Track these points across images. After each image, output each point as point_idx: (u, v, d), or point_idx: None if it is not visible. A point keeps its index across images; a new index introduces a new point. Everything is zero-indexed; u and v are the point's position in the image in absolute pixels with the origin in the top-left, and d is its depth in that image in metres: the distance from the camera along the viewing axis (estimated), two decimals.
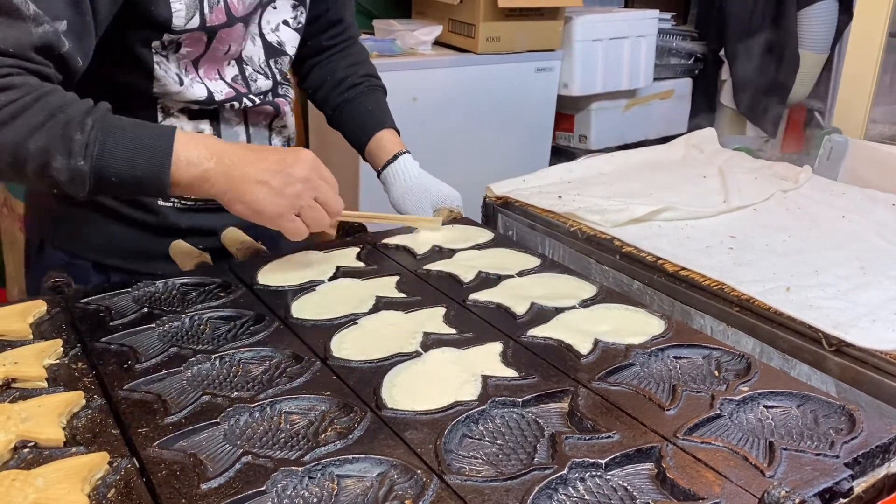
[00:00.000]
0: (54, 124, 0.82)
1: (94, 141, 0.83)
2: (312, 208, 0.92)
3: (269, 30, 1.11)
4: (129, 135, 0.85)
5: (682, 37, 3.60)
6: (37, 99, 0.82)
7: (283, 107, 1.16)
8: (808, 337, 0.92)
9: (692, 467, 0.64)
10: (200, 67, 1.05)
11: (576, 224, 1.24)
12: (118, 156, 0.84)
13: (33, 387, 0.73)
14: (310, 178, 0.91)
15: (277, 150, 0.93)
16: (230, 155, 0.88)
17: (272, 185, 0.88)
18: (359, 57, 1.32)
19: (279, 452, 0.65)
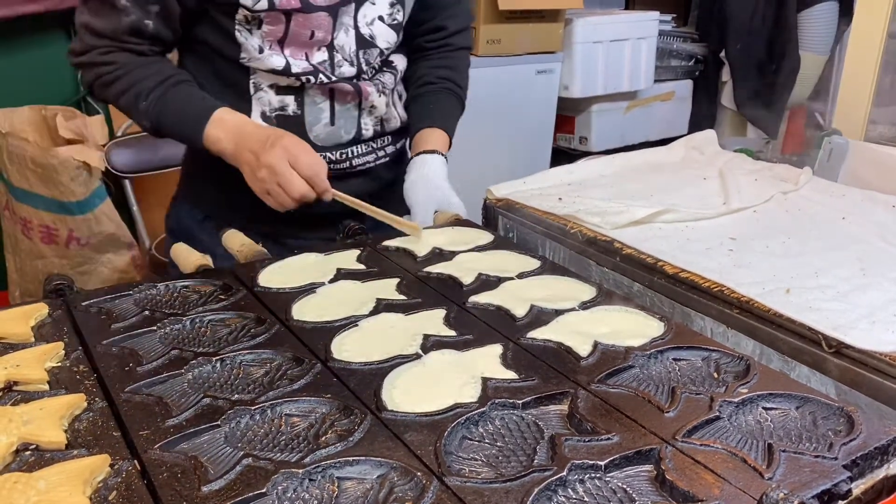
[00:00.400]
0: (131, 92, 1.14)
1: (153, 109, 1.14)
2: (275, 193, 1.09)
3: (364, 23, 1.20)
4: (179, 110, 1.14)
5: (683, 38, 3.60)
6: (125, 73, 1.14)
7: (366, 89, 1.23)
8: (808, 339, 0.92)
9: (691, 469, 0.64)
10: (286, 48, 1.17)
11: (576, 226, 1.24)
12: (167, 123, 1.15)
13: (35, 389, 0.74)
14: (274, 164, 1.07)
15: (267, 135, 1.10)
16: (240, 137, 1.11)
17: (249, 167, 1.10)
18: (449, 63, 1.36)
19: (280, 455, 0.66)
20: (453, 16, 1.33)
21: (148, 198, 2.91)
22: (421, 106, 1.33)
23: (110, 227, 2.53)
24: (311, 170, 1.09)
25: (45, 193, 2.40)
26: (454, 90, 1.35)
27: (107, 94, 1.16)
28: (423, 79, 1.34)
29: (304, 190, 1.09)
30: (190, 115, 1.13)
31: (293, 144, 1.08)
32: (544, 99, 2.88)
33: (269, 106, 1.20)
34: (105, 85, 1.14)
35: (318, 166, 1.10)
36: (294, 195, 1.08)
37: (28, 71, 2.58)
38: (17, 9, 2.39)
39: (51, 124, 2.50)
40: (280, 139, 1.08)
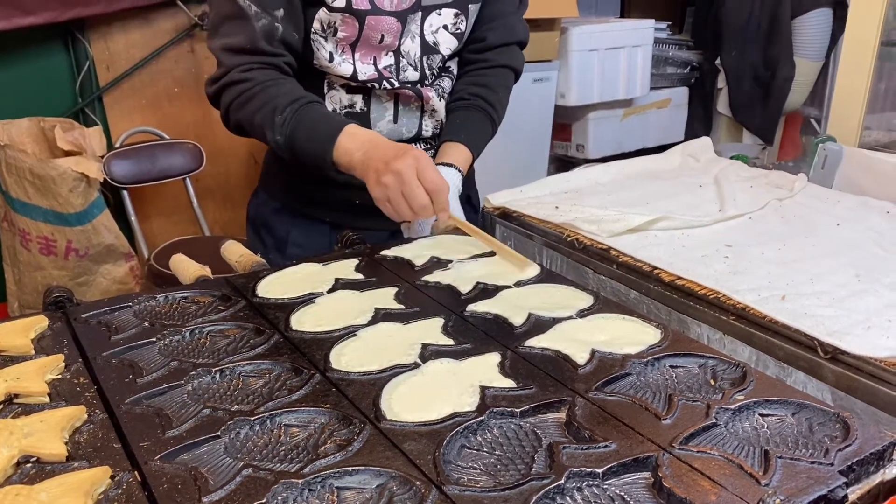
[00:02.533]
0: (267, 109, 1.17)
1: (288, 124, 1.16)
2: (395, 201, 1.09)
3: (429, 31, 1.27)
4: (312, 124, 1.17)
5: (678, 46, 3.63)
6: (262, 90, 1.17)
7: (427, 93, 1.30)
8: (804, 345, 0.93)
9: (688, 476, 0.64)
10: (357, 51, 1.23)
11: (573, 234, 1.25)
12: (300, 138, 1.17)
13: (35, 402, 0.74)
14: (403, 172, 1.07)
15: (400, 147, 1.11)
16: (372, 148, 1.13)
17: (375, 174, 1.10)
18: (484, 81, 1.36)
19: (279, 465, 0.66)
20: (495, 29, 1.34)
21: (146, 208, 2.92)
22: (450, 120, 1.35)
23: (109, 238, 2.54)
24: (436, 185, 1.08)
25: (43, 205, 2.40)
26: (484, 108, 1.36)
27: (242, 114, 1.19)
28: (457, 94, 1.37)
29: (425, 202, 1.08)
30: (322, 129, 1.16)
31: (423, 157, 1.09)
32: (541, 107, 2.90)
33: (339, 104, 1.28)
34: (242, 104, 1.18)
35: (443, 184, 1.10)
36: (414, 204, 1.08)
37: (27, 83, 2.59)
38: (16, 21, 2.40)
39: (49, 136, 2.51)
40: (411, 150, 1.10)
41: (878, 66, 1.78)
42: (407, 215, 1.10)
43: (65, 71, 2.65)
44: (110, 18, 2.68)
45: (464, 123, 1.34)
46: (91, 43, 2.67)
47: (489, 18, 1.33)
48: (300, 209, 1.36)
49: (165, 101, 2.90)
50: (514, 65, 1.40)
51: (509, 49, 1.37)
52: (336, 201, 1.30)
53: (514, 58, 1.39)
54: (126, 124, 2.83)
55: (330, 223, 1.35)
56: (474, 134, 1.33)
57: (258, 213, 1.43)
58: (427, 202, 1.08)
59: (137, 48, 2.78)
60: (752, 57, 3.51)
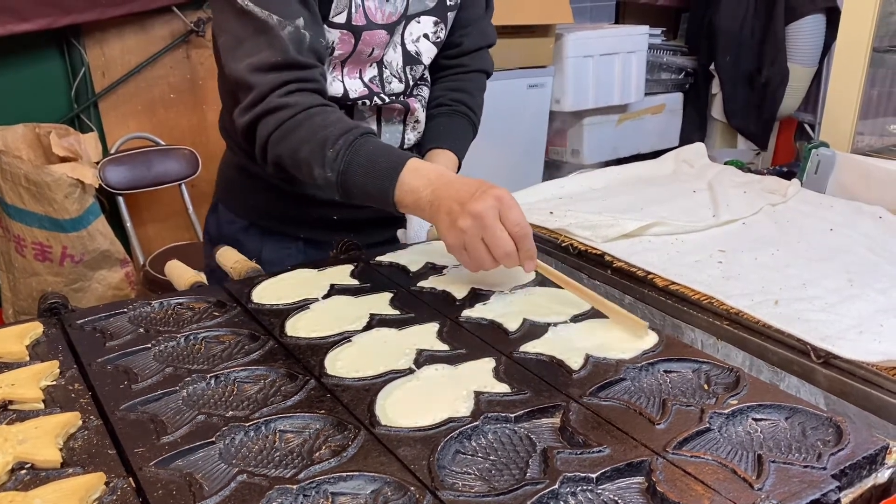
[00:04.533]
0: (316, 140, 1.02)
1: (342, 159, 1.01)
2: (473, 248, 0.93)
3: (410, 40, 1.23)
4: (371, 158, 1.01)
5: (673, 52, 3.64)
6: (307, 117, 1.04)
7: (413, 105, 1.27)
8: (797, 349, 0.93)
9: (682, 481, 0.65)
10: (346, 66, 1.18)
11: (567, 239, 1.25)
12: (357, 173, 1.01)
13: (30, 408, 0.74)
14: (483, 214, 0.92)
15: (476, 183, 0.96)
16: (442, 186, 0.97)
17: (449, 217, 0.95)
18: (463, 86, 1.37)
19: (274, 471, 0.66)
20: (469, 34, 1.35)
21: (141, 214, 2.92)
22: (433, 127, 1.34)
23: (104, 244, 2.53)
24: (523, 229, 0.93)
25: (38, 211, 2.40)
26: (466, 113, 1.36)
27: (284, 147, 1.04)
28: (437, 100, 1.35)
29: (510, 249, 0.93)
30: (382, 165, 1.00)
31: (507, 196, 0.94)
32: (536, 113, 2.91)
33: None
34: (285, 135, 1.04)
35: (528, 227, 0.95)
36: (498, 253, 0.93)
37: (22, 89, 2.59)
38: (11, 27, 2.40)
39: (44, 142, 2.51)
40: (492, 188, 0.94)
41: (871, 72, 1.79)
42: (488, 265, 0.95)
43: (60, 77, 2.65)
44: (106, 24, 2.68)
45: (448, 130, 1.33)
46: (86, 49, 2.67)
47: (463, 24, 1.33)
48: (271, 227, 1.28)
49: (161, 108, 2.91)
50: (487, 68, 1.41)
51: (482, 53, 1.39)
52: (312, 218, 1.21)
53: (487, 61, 1.40)
54: (121, 130, 2.84)
55: (305, 239, 1.28)
56: (459, 140, 1.34)
57: (221, 232, 1.33)
58: (512, 249, 0.93)
59: (133, 54, 2.79)
60: (746, 63, 3.53)
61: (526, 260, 0.96)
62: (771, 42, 3.44)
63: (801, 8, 3.40)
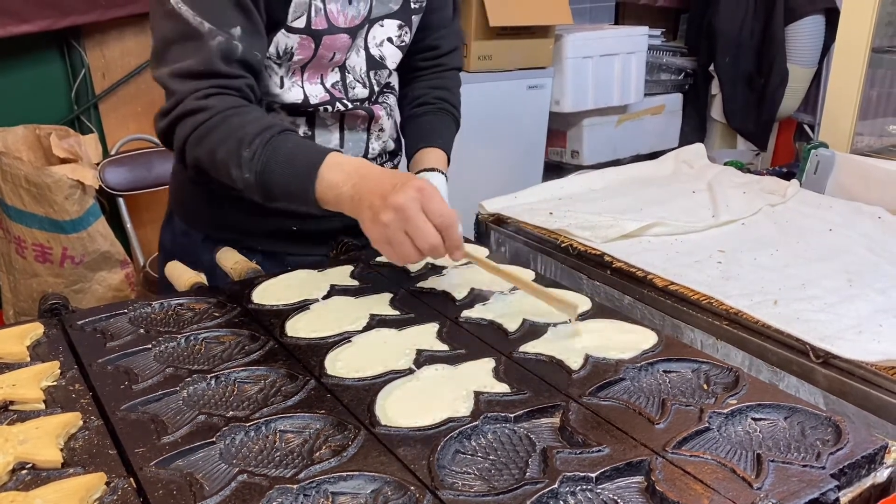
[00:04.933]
0: (232, 142, 0.98)
1: (259, 158, 0.97)
2: (398, 242, 0.91)
3: (373, 44, 1.20)
4: (288, 155, 0.98)
5: (672, 53, 3.65)
6: (223, 119, 0.99)
7: (378, 112, 1.23)
8: (796, 349, 0.93)
9: (681, 480, 0.65)
10: (306, 72, 1.14)
11: (567, 240, 1.26)
12: (276, 172, 0.98)
13: (31, 409, 0.74)
14: (405, 207, 0.89)
15: (396, 176, 0.94)
16: (362, 179, 0.95)
17: (371, 211, 0.92)
18: (443, 84, 1.37)
19: (274, 471, 0.66)
20: (445, 36, 1.35)
21: (142, 215, 2.92)
22: (418, 126, 1.34)
23: (104, 245, 2.53)
24: (446, 219, 0.91)
25: (39, 212, 2.40)
26: (449, 110, 1.37)
27: (201, 149, 1.01)
28: (420, 99, 1.35)
29: (435, 241, 0.91)
30: (301, 161, 0.97)
31: (428, 187, 0.91)
32: (535, 114, 2.91)
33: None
34: (201, 137, 1.00)
35: (453, 217, 0.93)
36: (422, 245, 0.91)
37: (22, 90, 2.59)
38: (10, 29, 2.40)
39: (45, 143, 2.51)
40: (411, 179, 0.92)
41: (870, 73, 1.80)
42: (413, 257, 0.93)
43: (60, 78, 2.65)
44: (106, 26, 2.68)
45: (435, 128, 1.33)
46: (86, 51, 2.67)
47: (437, 27, 1.32)
48: (227, 239, 1.20)
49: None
50: (461, 65, 1.42)
51: (457, 51, 1.40)
52: (269, 229, 1.12)
53: (460, 59, 1.42)
54: (121, 132, 2.84)
55: (263, 252, 1.21)
56: (446, 137, 1.34)
57: (176, 244, 1.28)
58: (437, 240, 0.92)
59: (133, 56, 2.79)
60: (745, 63, 3.53)
61: (452, 250, 0.94)
62: (770, 43, 3.45)
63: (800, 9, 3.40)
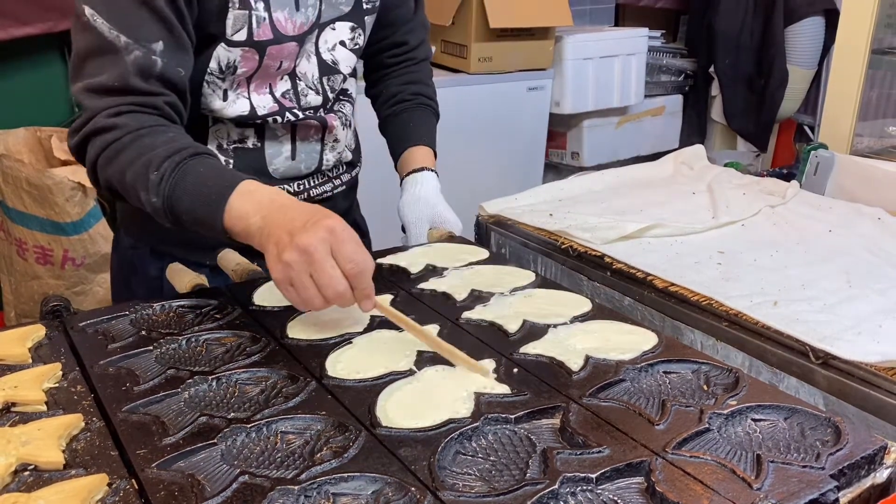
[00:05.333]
0: (140, 164, 0.92)
1: (167, 182, 0.91)
2: (301, 286, 0.82)
3: (325, 49, 1.15)
4: (198, 181, 0.92)
5: (672, 54, 3.65)
6: (135, 139, 0.93)
7: (331, 122, 1.19)
8: (796, 350, 0.94)
9: (681, 481, 0.65)
10: (252, 83, 1.09)
11: (567, 241, 1.26)
12: (184, 198, 0.92)
13: (33, 410, 0.74)
14: (311, 249, 0.81)
15: (310, 212, 0.86)
16: (274, 212, 0.87)
17: (277, 247, 0.84)
18: (416, 77, 1.36)
19: (276, 472, 0.66)
20: (412, 30, 1.34)
21: None
22: (401, 125, 1.33)
23: (105, 247, 2.54)
24: (357, 265, 0.83)
25: (40, 214, 2.40)
26: (427, 104, 1.36)
27: (111, 170, 0.95)
28: (396, 97, 1.33)
29: (342, 289, 0.82)
30: (211, 188, 0.91)
31: (340, 226, 0.83)
32: (536, 115, 2.91)
33: (227, 138, 1.11)
34: (110, 158, 0.94)
35: (367, 263, 0.84)
36: (327, 292, 0.82)
37: (23, 92, 2.59)
38: (11, 31, 2.41)
39: (46, 145, 2.51)
40: (326, 218, 0.84)
41: (869, 74, 1.80)
42: (317, 304, 0.83)
43: (61, 81, 2.65)
44: None
45: (419, 125, 1.32)
46: None
47: (402, 22, 1.31)
48: (174, 254, 1.15)
49: None
50: (430, 55, 1.41)
51: (425, 42, 1.38)
52: (218, 244, 1.03)
53: (428, 49, 1.40)
54: None
55: (212, 267, 1.13)
56: (430, 133, 1.33)
57: (123, 259, 1.24)
58: (345, 288, 0.82)
59: None
60: (745, 65, 3.53)
61: (362, 300, 0.85)
62: (770, 44, 3.45)
63: (799, 10, 3.41)
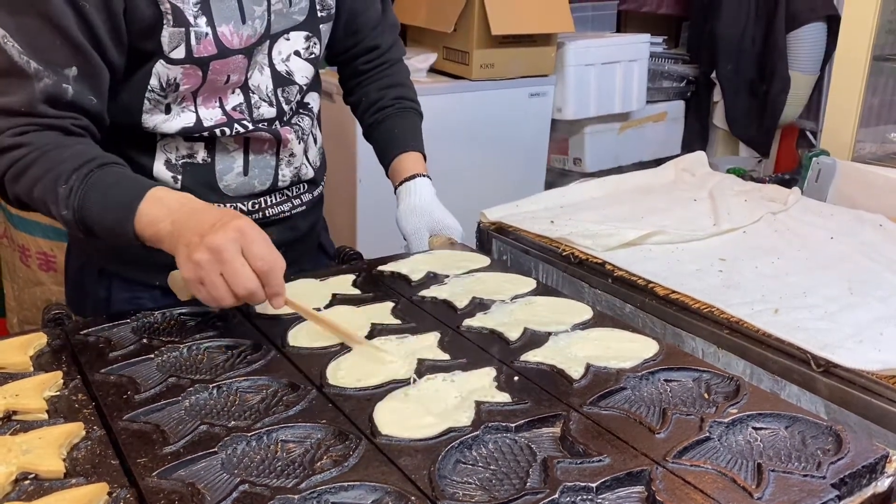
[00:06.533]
0: (49, 178, 0.92)
1: (76, 195, 0.92)
2: (213, 284, 0.85)
3: (279, 60, 1.12)
4: (107, 191, 0.93)
5: (674, 60, 3.65)
6: (41, 155, 0.93)
7: (285, 135, 1.15)
8: (797, 358, 0.94)
9: (681, 490, 0.65)
10: (199, 97, 1.06)
11: (568, 248, 1.26)
12: (94, 209, 0.92)
13: (34, 419, 0.74)
14: (220, 249, 0.84)
15: (219, 214, 0.89)
16: (184, 216, 0.89)
17: (188, 248, 0.86)
18: (395, 80, 1.34)
19: (276, 481, 0.67)
20: (382, 32, 1.31)
21: None
22: (386, 132, 1.31)
23: None
24: (267, 263, 0.86)
25: (43, 220, 2.41)
26: (410, 107, 1.34)
27: (19, 187, 0.94)
28: (378, 104, 1.31)
29: (253, 286, 0.85)
30: (120, 197, 0.92)
31: (250, 228, 0.87)
32: (537, 121, 2.91)
33: (175, 153, 1.09)
34: (18, 174, 0.93)
35: (277, 261, 0.88)
36: (238, 290, 0.85)
37: None
38: None
39: None
40: (235, 220, 0.87)
41: (871, 81, 1.80)
42: (227, 301, 0.86)
43: None
44: None
45: (405, 130, 1.31)
46: None
47: (372, 26, 1.28)
48: (120, 273, 1.14)
49: None
50: (403, 54, 1.38)
51: (397, 42, 1.36)
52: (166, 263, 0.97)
53: (401, 48, 1.37)
54: None
55: (162, 288, 1.09)
56: (417, 137, 1.32)
57: (75, 282, 1.23)
58: (255, 285, 0.85)
59: None
60: (747, 71, 3.53)
61: (272, 297, 0.88)
62: (772, 50, 3.45)
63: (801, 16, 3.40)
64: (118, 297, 1.16)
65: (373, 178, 1.36)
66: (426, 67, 2.68)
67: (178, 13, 0.98)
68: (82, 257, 1.21)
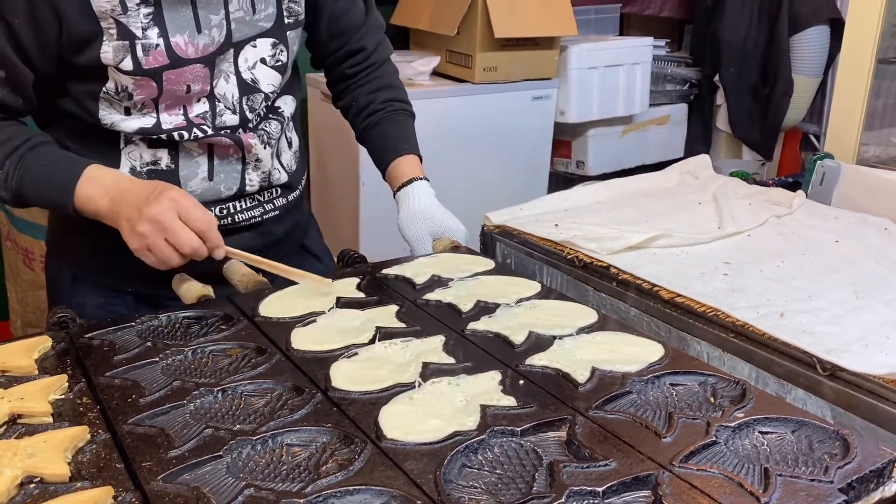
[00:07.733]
0: None
1: (12, 178, 1.01)
2: (158, 248, 0.97)
3: (245, 68, 1.12)
4: (42, 173, 1.02)
5: (677, 63, 3.65)
6: None
7: (248, 140, 1.15)
8: (803, 362, 0.93)
9: (688, 494, 0.65)
10: (161, 104, 1.08)
11: (572, 252, 1.26)
12: (32, 192, 1.02)
13: (39, 422, 0.74)
14: (160, 218, 0.95)
15: (152, 187, 0.99)
16: (118, 193, 0.99)
17: (128, 223, 0.98)
18: (383, 82, 1.32)
19: (281, 485, 0.66)
20: (366, 34, 1.29)
21: None
22: (379, 136, 1.30)
23: None
24: (204, 222, 0.98)
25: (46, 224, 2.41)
26: (403, 108, 1.33)
27: None
28: (369, 108, 1.30)
29: (196, 244, 0.97)
30: (56, 177, 1.01)
31: (181, 196, 0.98)
32: (541, 124, 2.91)
33: (139, 160, 1.11)
34: None
35: (211, 220, 1.00)
36: (184, 249, 0.97)
37: None
38: None
39: None
40: (167, 190, 0.98)
41: (875, 84, 1.79)
42: (175, 261, 0.98)
43: None
44: None
45: (399, 134, 1.30)
46: None
47: (354, 27, 1.27)
48: (95, 280, 1.18)
49: None
50: (389, 53, 1.36)
51: (383, 43, 1.34)
52: (142, 270, 1.02)
53: (387, 47, 1.35)
54: None
55: (135, 294, 1.18)
56: (412, 139, 1.31)
57: (52, 290, 1.25)
58: (198, 243, 0.98)
59: None
60: (750, 74, 3.53)
61: (213, 249, 1.00)
62: (775, 53, 3.44)
63: (804, 19, 3.40)
64: (91, 302, 1.17)
65: (376, 180, 1.35)
66: (429, 70, 2.68)
67: (122, 27, 1.01)
68: (58, 264, 1.22)
